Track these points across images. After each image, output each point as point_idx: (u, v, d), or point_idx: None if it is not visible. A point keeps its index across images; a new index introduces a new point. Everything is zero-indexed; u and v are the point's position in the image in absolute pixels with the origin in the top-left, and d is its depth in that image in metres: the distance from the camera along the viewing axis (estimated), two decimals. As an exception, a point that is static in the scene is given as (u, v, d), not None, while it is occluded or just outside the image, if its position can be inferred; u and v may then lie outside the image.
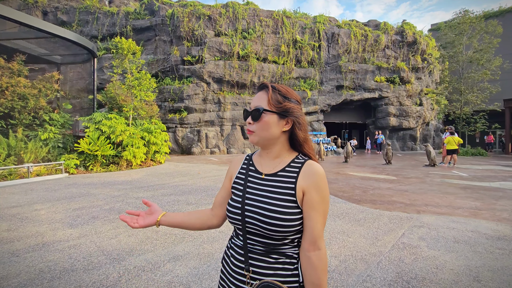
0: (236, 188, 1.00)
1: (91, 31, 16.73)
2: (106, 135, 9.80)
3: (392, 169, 10.12)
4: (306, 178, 0.90)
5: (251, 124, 0.94)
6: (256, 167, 1.00)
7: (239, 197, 0.95)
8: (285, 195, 0.89)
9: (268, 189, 0.92)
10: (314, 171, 0.91)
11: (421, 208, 4.71)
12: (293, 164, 0.95)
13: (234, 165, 1.08)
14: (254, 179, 0.97)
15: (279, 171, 0.95)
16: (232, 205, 0.95)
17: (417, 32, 20.25)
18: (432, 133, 21.50)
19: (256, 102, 0.95)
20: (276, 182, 0.93)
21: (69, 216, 4.26)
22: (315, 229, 0.86)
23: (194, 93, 15.55)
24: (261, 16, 16.92)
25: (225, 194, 1.06)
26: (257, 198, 0.91)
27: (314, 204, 0.87)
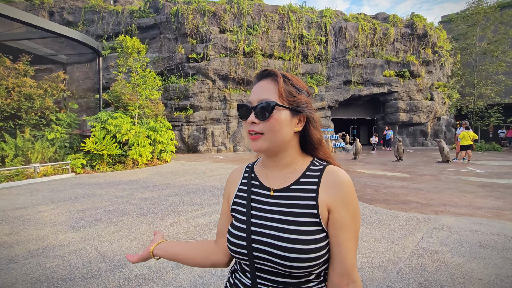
0: (237, 212, 0.77)
1: (96, 30, 16.73)
2: (112, 134, 9.75)
3: (404, 166, 9.79)
4: (330, 191, 0.69)
5: (255, 124, 0.71)
6: (260, 181, 0.78)
7: (243, 223, 0.73)
8: (305, 216, 0.68)
9: (281, 210, 0.70)
10: (339, 180, 0.70)
11: (439, 209, 4.45)
12: (309, 173, 0.74)
13: (231, 182, 0.85)
14: (259, 198, 0.75)
15: (292, 184, 0.74)
16: (234, 235, 0.73)
17: (427, 24, 19.61)
18: (443, 128, 20.89)
19: (261, 95, 0.72)
20: (290, 199, 0.71)
21: (72, 218, 4.16)
22: (348, 257, 0.66)
23: (199, 91, 15.41)
24: (266, 11, 16.62)
25: (225, 221, 0.84)
26: (268, 224, 0.69)
27: (344, 224, 0.67)
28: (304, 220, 0.67)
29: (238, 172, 0.86)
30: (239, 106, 0.75)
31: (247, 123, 0.73)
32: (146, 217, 4.18)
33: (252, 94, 0.74)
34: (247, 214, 0.73)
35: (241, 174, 0.84)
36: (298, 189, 0.72)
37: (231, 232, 0.74)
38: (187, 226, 3.73)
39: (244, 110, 0.74)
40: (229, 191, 0.84)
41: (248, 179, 0.81)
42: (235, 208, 0.79)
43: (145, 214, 4.33)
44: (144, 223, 3.88)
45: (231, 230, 0.75)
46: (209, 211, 4.45)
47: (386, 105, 19.84)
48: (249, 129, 0.72)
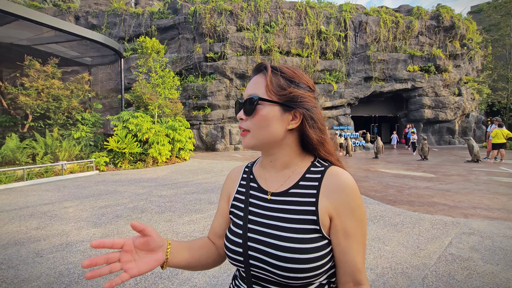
0: (234, 215, 0.73)
1: (118, 32, 17.31)
2: (133, 133, 10.05)
3: (429, 166, 9.32)
4: (332, 196, 0.63)
5: (243, 120, 0.68)
6: (258, 183, 0.73)
7: (239, 228, 0.68)
8: (303, 222, 0.62)
9: (278, 216, 0.64)
10: (341, 184, 0.63)
11: (468, 211, 4.16)
12: (310, 175, 0.68)
13: (230, 182, 0.80)
14: (257, 201, 0.70)
15: (291, 187, 0.67)
16: (230, 241, 0.68)
17: (455, 15, 18.54)
18: (472, 126, 19.70)
19: (250, 89, 0.68)
20: (287, 204, 0.65)
21: (95, 214, 4.30)
22: (355, 265, 0.62)
23: (217, 90, 15.53)
24: (284, 8, 16.42)
25: (222, 221, 0.79)
26: (264, 230, 0.64)
27: (349, 232, 0.62)
28: (302, 227, 0.61)
29: (237, 172, 0.81)
30: (236, 102, 0.72)
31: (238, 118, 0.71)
32: (164, 214, 4.24)
33: (246, 89, 0.71)
34: (244, 219, 0.68)
35: (240, 174, 0.80)
36: (297, 193, 0.66)
37: (228, 238, 0.70)
38: (203, 225, 3.74)
39: (238, 106, 0.71)
40: (229, 191, 0.79)
41: (247, 180, 0.76)
42: (233, 211, 0.74)
43: (163, 211, 4.40)
44: (162, 221, 3.94)
45: (228, 235, 0.70)
46: (226, 210, 4.44)
47: (409, 102, 19.00)
48: (239, 125, 0.70)
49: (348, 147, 13.12)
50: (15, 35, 9.87)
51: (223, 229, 0.78)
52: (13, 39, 10.10)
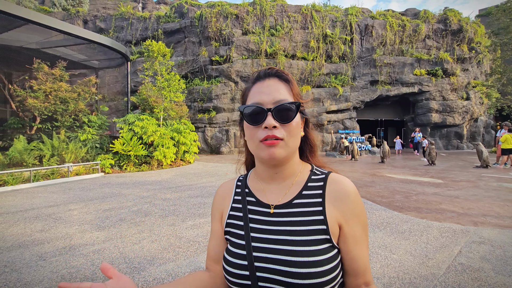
0: (233, 235, 0.67)
1: (125, 36, 17.53)
2: (139, 136, 10.10)
3: (436, 171, 9.16)
4: (338, 203, 0.62)
5: (276, 129, 0.61)
6: (256, 196, 0.68)
7: (242, 248, 0.63)
8: (313, 233, 0.59)
9: (285, 230, 0.61)
10: (346, 190, 0.63)
11: (478, 219, 4.05)
12: (312, 184, 0.66)
13: (221, 199, 0.74)
14: (258, 217, 0.65)
15: (294, 198, 0.65)
16: (232, 264, 0.62)
17: (462, 19, 18.34)
18: (481, 130, 19.38)
19: (275, 95, 0.63)
20: (293, 216, 0.62)
21: (99, 217, 4.30)
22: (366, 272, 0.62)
23: (222, 93, 15.57)
24: (289, 11, 16.45)
25: (217, 244, 0.72)
26: (272, 247, 0.60)
27: (358, 238, 0.62)
28: (313, 238, 0.59)
29: (227, 188, 0.75)
30: (249, 108, 0.63)
31: (261, 127, 0.62)
32: (168, 218, 4.22)
33: (260, 94, 0.64)
34: (246, 238, 0.63)
35: (232, 190, 0.74)
36: (302, 204, 0.63)
37: (228, 261, 0.63)
38: (207, 230, 3.71)
39: (256, 114, 0.62)
40: (220, 210, 0.73)
41: (242, 195, 0.70)
42: (229, 230, 0.68)
43: (166, 215, 4.38)
44: (165, 225, 3.91)
45: (228, 258, 0.64)
46: (229, 214, 4.40)
47: (416, 106, 18.79)
48: (269, 135, 0.61)
49: (353, 151, 12.99)
50: (25, 39, 10.06)
51: (220, 253, 0.70)
52: (23, 42, 10.30)
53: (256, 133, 0.63)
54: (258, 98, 0.64)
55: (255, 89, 0.66)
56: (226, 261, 0.64)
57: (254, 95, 0.66)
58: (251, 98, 0.66)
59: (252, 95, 0.67)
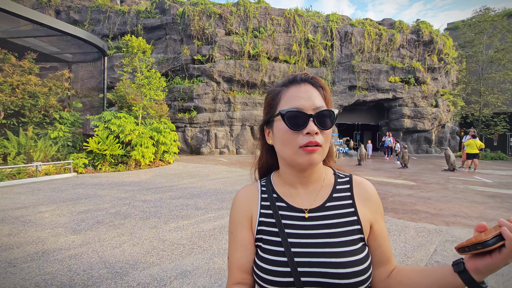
0: (266, 242, 0.64)
1: (102, 30, 16.77)
2: (115, 134, 9.69)
3: (409, 174, 9.65)
4: (368, 204, 0.67)
5: (317, 135, 0.62)
6: (286, 201, 0.67)
7: (281, 255, 0.61)
8: (350, 234, 0.62)
9: (323, 233, 0.62)
10: (371, 191, 0.70)
11: (449, 219, 4.32)
12: (339, 186, 0.69)
13: (246, 205, 0.70)
14: (292, 222, 0.64)
15: (326, 201, 0.66)
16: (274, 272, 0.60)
17: (433, 31, 19.53)
18: (448, 136, 20.70)
19: (314, 101, 0.63)
20: (329, 219, 0.63)
21: (73, 220, 4.07)
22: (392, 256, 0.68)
23: (204, 93, 15.37)
24: (273, 14, 16.61)
25: (249, 254, 0.66)
26: (314, 251, 0.60)
27: (385, 233, 0.68)
28: (351, 238, 0.62)
29: (251, 193, 0.72)
30: (291, 112, 0.62)
31: (303, 133, 0.61)
32: (149, 220, 4.08)
33: (300, 99, 0.63)
34: (285, 244, 0.61)
35: (256, 195, 0.71)
36: (335, 206, 0.66)
37: (267, 270, 0.60)
38: (191, 232, 3.63)
39: (298, 118, 0.62)
40: (248, 216, 0.69)
41: (270, 200, 0.68)
42: (261, 237, 0.65)
43: (147, 217, 4.23)
44: (147, 227, 3.78)
45: (266, 267, 0.61)
46: (214, 216, 4.34)
47: (390, 111, 19.71)
48: (311, 141, 0.60)
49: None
50: (-11, 27, 9.30)
51: (252, 263, 0.66)
52: (-13, 30, 9.51)
53: (296, 139, 0.62)
54: (297, 103, 0.63)
55: (292, 93, 0.65)
56: (263, 270, 0.61)
57: (292, 99, 0.64)
58: (287, 101, 0.65)
59: (288, 99, 0.65)
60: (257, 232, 0.66)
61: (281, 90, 0.68)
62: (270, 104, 0.70)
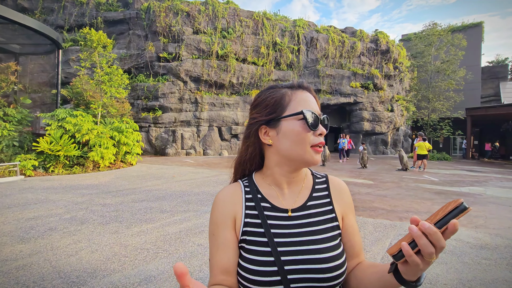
0: (251, 243, 0.65)
1: (56, 20, 15.43)
2: (71, 134, 8.97)
3: (368, 173, 10.32)
4: (340, 200, 0.73)
5: (322, 136, 0.69)
6: (271, 202, 0.70)
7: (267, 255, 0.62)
8: (329, 230, 0.67)
9: (306, 231, 0.65)
10: (343, 188, 0.76)
11: (402, 215, 4.71)
12: (318, 186, 0.74)
13: (230, 204, 0.70)
14: (276, 222, 0.67)
15: (307, 200, 0.70)
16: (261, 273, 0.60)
17: (390, 41, 21.15)
18: (401, 138, 22.53)
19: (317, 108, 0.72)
20: (310, 217, 0.68)
21: (21, 227, 3.69)
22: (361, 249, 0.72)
23: (169, 92, 14.89)
24: (241, 16, 16.67)
25: (232, 255, 0.66)
26: (299, 249, 0.63)
27: (355, 227, 0.73)
28: (331, 234, 0.67)
29: (234, 193, 0.72)
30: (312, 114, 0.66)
31: (316, 134, 0.67)
32: (109, 225, 3.85)
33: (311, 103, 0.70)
34: (271, 244, 0.63)
35: (240, 196, 0.71)
36: (315, 205, 0.71)
37: (253, 270, 0.61)
38: (156, 235, 3.50)
39: (315, 120, 0.67)
40: (232, 215, 0.69)
41: (255, 201, 0.69)
42: (246, 238, 0.66)
43: (107, 222, 3.99)
44: (106, 233, 3.56)
45: (252, 268, 0.62)
46: (180, 218, 4.23)
47: (351, 115, 20.89)
48: (322, 141, 0.68)
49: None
50: None
51: (235, 264, 0.65)
52: None
53: (309, 138, 0.66)
54: (311, 106, 0.69)
55: (302, 97, 0.69)
56: (248, 271, 0.62)
57: (305, 102, 0.68)
58: (301, 104, 0.68)
59: (301, 101, 0.68)
60: (242, 233, 0.67)
61: (286, 92, 0.70)
62: (275, 104, 0.69)
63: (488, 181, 8.92)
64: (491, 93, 26.03)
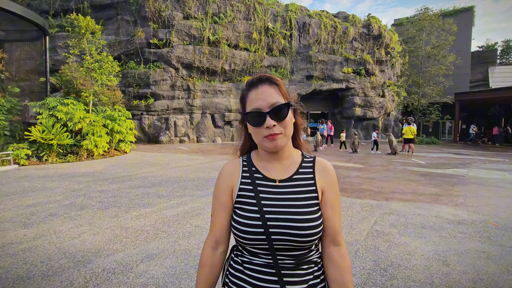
0: (244, 203, 0.83)
1: (40, 4, 14.85)
2: (63, 122, 8.91)
3: (358, 158, 10.61)
4: (323, 177, 0.86)
5: (275, 126, 0.78)
6: (263, 173, 0.86)
7: (254, 212, 0.79)
8: (309, 200, 0.82)
9: (289, 197, 0.81)
10: (328, 168, 0.88)
11: (389, 196, 4.98)
12: (305, 164, 0.89)
13: (230, 175, 0.88)
14: (265, 189, 0.83)
15: (294, 174, 0.86)
16: (247, 224, 0.79)
17: (382, 26, 21.08)
18: (392, 123, 22.93)
19: (269, 99, 0.79)
20: (294, 187, 0.83)
21: (22, 213, 3.80)
22: (335, 227, 0.84)
23: (161, 79, 14.71)
24: (233, 0, 16.33)
25: (228, 215, 0.86)
26: (280, 210, 0.79)
27: (333, 202, 0.84)
28: (309, 203, 0.81)
29: (234, 166, 0.90)
30: (251, 114, 0.79)
31: (263, 127, 0.78)
32: (109, 210, 3.99)
33: (257, 101, 0.80)
34: (258, 204, 0.80)
35: (239, 168, 0.89)
36: (300, 178, 0.85)
37: (242, 222, 0.79)
38: (154, 218, 3.67)
39: (257, 117, 0.79)
40: (230, 184, 0.87)
41: (250, 172, 0.87)
42: (240, 200, 0.84)
43: (106, 207, 4.13)
44: (107, 217, 3.71)
45: (242, 220, 0.80)
46: (176, 202, 4.40)
47: (344, 100, 21.06)
48: (270, 133, 0.78)
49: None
50: None
51: (229, 221, 0.86)
52: None
53: (259, 132, 0.80)
54: (256, 104, 0.80)
55: (252, 96, 0.82)
56: (240, 223, 0.80)
57: (252, 101, 0.81)
58: (250, 104, 0.82)
59: (250, 101, 0.82)
60: (237, 196, 0.84)
61: (245, 94, 0.85)
62: (241, 103, 0.88)
63: (472, 164, 9.31)
64: (479, 78, 26.43)
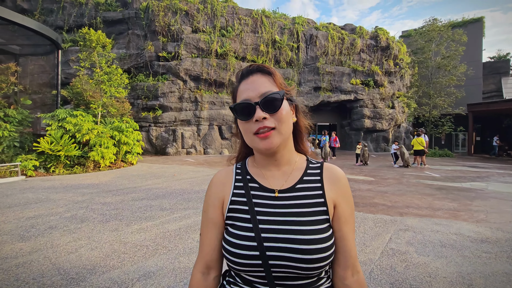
0: (237, 219, 0.67)
1: (56, 21, 15.45)
2: (71, 134, 9.00)
3: (369, 170, 10.29)
4: (333, 186, 0.69)
5: (266, 119, 0.64)
6: (259, 182, 0.71)
7: (249, 230, 0.64)
8: (316, 214, 0.65)
9: (291, 212, 0.65)
10: (339, 175, 0.71)
11: (403, 210, 4.69)
12: (310, 170, 0.72)
13: (220, 186, 0.74)
14: (262, 201, 0.68)
15: (297, 183, 0.69)
16: (241, 246, 0.63)
17: (390, 37, 21.02)
18: (403, 135, 22.43)
19: (260, 88, 0.66)
20: (297, 199, 0.67)
21: (21, 226, 3.70)
22: (351, 250, 0.67)
23: (169, 91, 14.88)
24: (240, 14, 16.63)
25: (218, 233, 0.71)
26: (280, 228, 0.63)
27: (347, 218, 0.68)
28: (317, 218, 0.64)
29: (226, 175, 0.76)
30: (239, 105, 0.66)
31: (252, 121, 0.64)
32: (109, 223, 3.86)
33: (247, 91, 0.67)
34: (253, 220, 0.64)
35: (231, 176, 0.75)
36: (304, 188, 0.69)
37: (235, 244, 0.64)
38: (155, 233, 3.51)
39: (246, 109, 0.65)
40: (221, 197, 0.72)
41: (243, 181, 0.72)
42: (232, 215, 0.69)
43: (107, 220, 4.00)
44: (106, 230, 3.57)
45: (234, 241, 0.64)
46: (180, 216, 4.24)
47: (352, 112, 20.81)
48: (260, 126, 0.64)
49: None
50: None
51: (219, 241, 0.70)
52: None
53: (249, 127, 0.66)
54: (245, 95, 0.67)
55: (242, 87, 0.69)
56: (231, 244, 0.64)
57: (242, 93, 0.68)
58: (239, 96, 0.69)
59: (239, 93, 0.69)
60: (228, 210, 0.70)
61: (235, 87, 0.72)
62: (232, 101, 0.75)
63: (490, 177, 8.88)
64: (493, 89, 25.85)
